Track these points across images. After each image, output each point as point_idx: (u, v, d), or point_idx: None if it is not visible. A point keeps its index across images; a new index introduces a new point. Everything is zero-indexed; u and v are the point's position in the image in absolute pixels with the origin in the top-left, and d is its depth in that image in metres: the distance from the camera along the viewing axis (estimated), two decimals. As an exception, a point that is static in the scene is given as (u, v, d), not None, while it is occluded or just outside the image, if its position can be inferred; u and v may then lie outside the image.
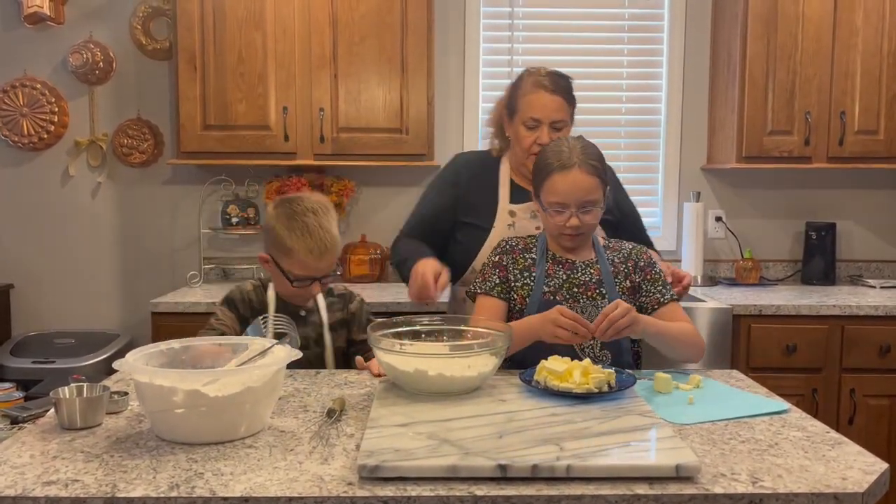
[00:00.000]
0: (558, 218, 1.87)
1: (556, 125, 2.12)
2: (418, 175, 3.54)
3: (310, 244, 1.91)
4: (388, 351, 1.59)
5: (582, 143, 1.91)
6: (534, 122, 2.11)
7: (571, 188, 1.84)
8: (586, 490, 1.15)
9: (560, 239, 1.92)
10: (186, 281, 3.35)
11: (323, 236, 1.92)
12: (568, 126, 2.15)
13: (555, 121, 2.11)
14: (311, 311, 2.04)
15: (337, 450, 1.31)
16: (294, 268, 1.93)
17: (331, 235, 1.95)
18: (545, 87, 2.13)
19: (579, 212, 1.85)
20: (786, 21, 3.16)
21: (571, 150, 1.87)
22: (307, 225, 1.92)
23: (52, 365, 3.09)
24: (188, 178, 3.52)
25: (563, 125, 2.13)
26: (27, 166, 3.51)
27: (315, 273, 1.95)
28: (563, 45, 3.56)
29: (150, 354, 1.48)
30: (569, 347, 1.84)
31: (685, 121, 3.58)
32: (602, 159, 1.91)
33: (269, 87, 3.15)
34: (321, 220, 1.94)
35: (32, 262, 3.53)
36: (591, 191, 1.85)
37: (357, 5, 3.13)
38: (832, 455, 1.31)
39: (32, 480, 1.18)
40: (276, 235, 1.94)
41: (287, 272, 1.94)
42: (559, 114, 2.12)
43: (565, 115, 2.13)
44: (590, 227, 1.89)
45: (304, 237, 1.91)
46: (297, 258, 1.92)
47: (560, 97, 2.12)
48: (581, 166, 1.84)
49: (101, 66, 3.44)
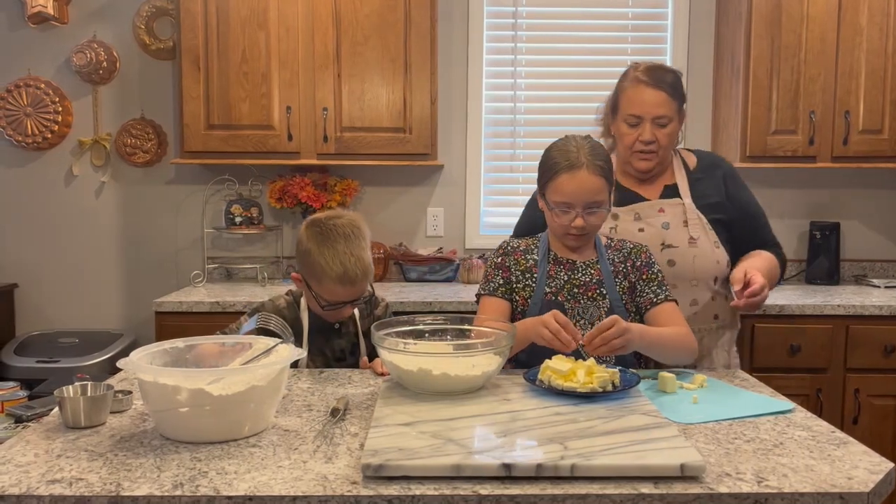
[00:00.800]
0: (563, 218, 1.86)
1: (659, 121, 2.02)
2: (422, 174, 3.54)
3: (340, 274, 1.86)
4: (392, 350, 1.59)
5: (590, 143, 1.89)
6: (634, 118, 2.02)
7: (578, 188, 1.82)
8: (591, 489, 1.15)
9: (564, 239, 1.92)
10: (190, 280, 3.36)
11: (353, 266, 1.87)
12: (674, 122, 2.04)
13: (656, 117, 2.01)
14: (346, 323, 2.02)
15: (341, 449, 1.31)
16: (324, 294, 1.90)
17: (362, 264, 1.89)
18: (644, 81, 2.03)
19: (585, 212, 1.84)
20: (790, 20, 3.15)
21: (579, 150, 1.85)
22: (337, 252, 1.87)
23: (56, 364, 3.09)
24: (192, 177, 3.52)
25: (666, 121, 2.02)
26: (31, 166, 3.52)
27: (346, 299, 1.91)
28: (567, 44, 3.55)
29: (154, 353, 1.48)
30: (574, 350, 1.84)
31: (689, 120, 3.56)
32: (609, 160, 1.90)
33: (272, 87, 3.15)
34: (352, 248, 1.89)
35: (36, 261, 3.54)
36: (597, 192, 1.84)
37: (360, 5, 3.13)
38: (837, 455, 1.30)
39: (37, 479, 1.18)
40: (307, 260, 1.91)
41: (318, 296, 1.91)
42: (660, 109, 2.01)
43: (668, 110, 2.02)
44: (594, 227, 1.89)
45: (334, 265, 1.86)
46: (328, 286, 1.88)
47: (662, 91, 2.01)
48: (588, 167, 1.82)
49: (104, 66, 3.44)
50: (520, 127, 3.58)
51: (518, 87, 3.57)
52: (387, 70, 3.16)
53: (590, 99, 3.56)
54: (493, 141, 3.60)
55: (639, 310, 1.92)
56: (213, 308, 2.93)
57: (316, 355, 1.99)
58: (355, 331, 2.02)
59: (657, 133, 2.02)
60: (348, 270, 1.86)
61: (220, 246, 3.56)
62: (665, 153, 2.07)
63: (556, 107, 3.58)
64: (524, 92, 3.57)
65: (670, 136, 2.04)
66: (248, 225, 3.38)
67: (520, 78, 3.56)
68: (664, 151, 2.06)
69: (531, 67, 3.56)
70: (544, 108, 3.58)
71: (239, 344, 1.59)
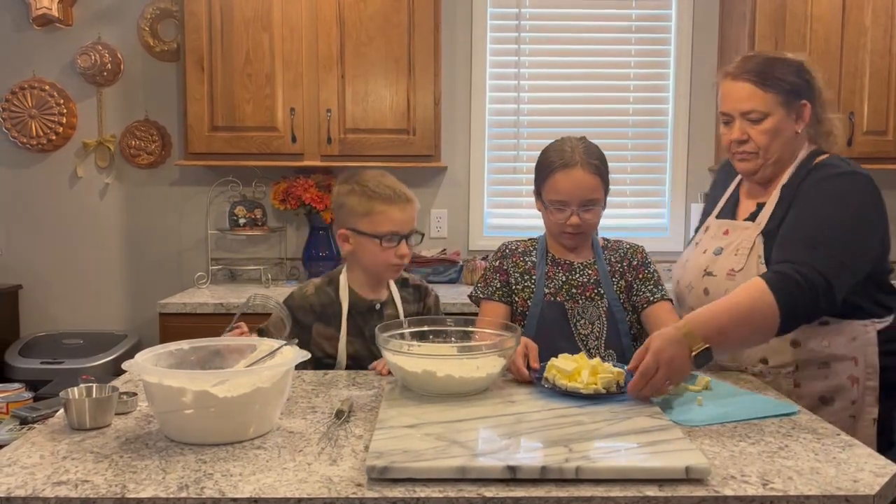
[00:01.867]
0: (559, 216, 1.89)
1: (748, 116, 1.75)
2: (425, 176, 3.54)
3: (389, 193, 1.89)
4: (397, 352, 1.59)
5: (584, 143, 1.93)
6: (725, 116, 1.80)
7: (573, 186, 1.86)
8: (596, 492, 1.15)
9: (561, 238, 1.93)
10: (194, 282, 3.36)
11: (398, 187, 1.92)
12: (770, 118, 1.74)
13: (744, 111, 1.75)
14: (386, 304, 2.00)
15: (346, 451, 1.31)
16: (380, 225, 1.89)
17: (405, 187, 1.94)
18: (730, 73, 1.79)
19: (580, 210, 1.87)
20: (794, 21, 3.15)
21: (574, 150, 1.89)
22: (381, 182, 1.91)
23: (61, 365, 3.10)
24: (196, 179, 3.53)
25: (757, 116, 1.74)
26: (35, 168, 3.52)
27: (400, 227, 1.90)
28: (571, 45, 3.55)
29: (159, 355, 1.48)
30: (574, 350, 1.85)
31: (693, 121, 3.57)
32: (604, 160, 1.93)
33: (276, 88, 3.15)
34: (392, 179, 1.94)
35: (41, 263, 3.55)
36: (592, 189, 1.87)
37: (364, 6, 3.13)
38: (843, 457, 1.30)
39: (42, 481, 1.19)
40: (353, 203, 1.92)
41: (373, 235, 1.89)
42: (747, 103, 1.74)
43: (757, 103, 1.73)
44: (590, 225, 1.91)
45: (380, 188, 1.89)
46: (379, 212, 1.89)
47: (747, 83, 1.75)
48: (583, 165, 1.86)
49: (108, 68, 3.45)
50: (523, 128, 3.58)
51: (521, 88, 3.57)
52: (390, 71, 3.16)
53: (593, 100, 3.58)
54: (497, 142, 3.61)
55: (635, 309, 1.94)
56: (217, 309, 2.93)
57: (355, 337, 1.95)
58: (395, 314, 2.00)
59: (749, 131, 1.76)
60: (395, 188, 1.90)
61: (224, 247, 3.56)
62: (770, 155, 1.77)
63: (559, 108, 3.58)
64: (527, 94, 3.57)
65: (769, 135, 1.75)
66: (252, 226, 3.39)
67: (523, 79, 3.56)
68: (766, 153, 1.77)
69: (534, 69, 3.56)
70: (548, 110, 3.58)
71: (246, 345, 1.59)
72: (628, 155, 3.61)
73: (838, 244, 1.62)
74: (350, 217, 1.93)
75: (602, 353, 1.88)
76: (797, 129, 1.77)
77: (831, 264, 1.59)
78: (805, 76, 1.77)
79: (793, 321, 1.58)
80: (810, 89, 1.77)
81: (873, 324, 1.76)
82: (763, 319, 1.55)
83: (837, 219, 1.66)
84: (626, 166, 3.60)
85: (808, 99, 1.76)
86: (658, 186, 3.64)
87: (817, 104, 1.79)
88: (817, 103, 1.79)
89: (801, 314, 1.59)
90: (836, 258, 1.61)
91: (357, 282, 1.99)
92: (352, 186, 1.93)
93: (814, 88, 1.78)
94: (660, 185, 3.64)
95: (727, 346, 1.58)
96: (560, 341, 1.88)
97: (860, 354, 1.74)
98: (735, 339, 1.58)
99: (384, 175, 1.95)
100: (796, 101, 1.75)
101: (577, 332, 1.90)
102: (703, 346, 1.51)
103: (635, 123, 3.61)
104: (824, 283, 1.57)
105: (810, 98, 1.77)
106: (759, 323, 1.56)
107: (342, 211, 1.95)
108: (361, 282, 1.99)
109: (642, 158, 3.64)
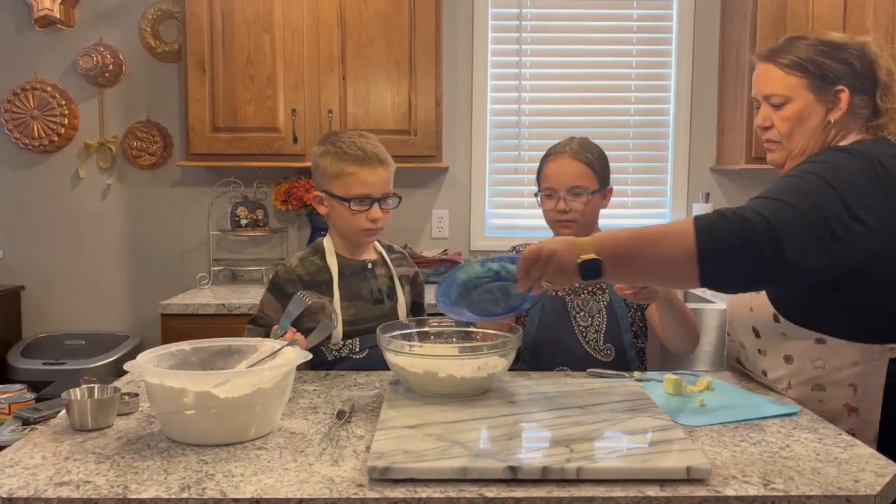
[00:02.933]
0: (548, 202, 1.96)
1: (770, 101, 1.61)
2: (427, 176, 3.54)
3: (360, 156, 1.86)
4: (398, 352, 1.59)
5: (582, 139, 2.00)
6: (755, 102, 1.66)
7: (560, 172, 1.93)
8: (597, 492, 1.15)
9: (555, 227, 1.98)
10: (196, 282, 3.36)
11: (371, 148, 1.88)
12: (792, 103, 1.57)
13: (766, 95, 1.61)
14: (377, 264, 1.99)
15: (347, 451, 1.31)
16: (350, 187, 1.87)
17: (379, 148, 1.90)
18: (759, 56, 1.65)
19: (567, 195, 1.92)
20: (795, 21, 3.15)
21: (568, 142, 1.97)
22: (355, 143, 1.88)
23: (63, 366, 3.10)
24: (197, 180, 3.53)
25: (779, 101, 1.58)
26: (37, 169, 3.53)
27: (371, 189, 1.87)
28: (572, 45, 3.55)
29: (161, 356, 1.48)
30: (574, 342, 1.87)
31: (694, 121, 3.57)
32: (600, 154, 1.97)
33: (277, 89, 3.15)
34: (367, 139, 1.91)
35: (42, 263, 3.55)
36: (579, 177, 1.92)
37: (365, 7, 3.13)
38: (844, 457, 1.30)
39: (44, 481, 1.19)
40: (325, 164, 1.90)
41: (344, 198, 1.87)
42: (767, 87, 1.60)
43: (777, 87, 1.58)
44: (579, 213, 1.93)
45: (350, 148, 1.87)
46: (349, 173, 1.86)
47: (771, 65, 1.60)
48: (571, 153, 1.94)
49: (110, 69, 3.45)
50: (524, 129, 3.58)
51: (523, 88, 3.57)
52: (391, 72, 3.16)
53: (594, 101, 3.58)
54: (498, 143, 3.61)
55: (640, 306, 1.95)
56: (219, 310, 2.93)
57: (350, 301, 1.92)
58: (388, 273, 1.98)
59: (773, 117, 1.60)
60: (366, 149, 1.87)
61: (226, 248, 3.56)
62: (794, 144, 1.59)
63: (560, 108, 3.58)
64: (529, 94, 3.57)
65: (791, 122, 1.58)
66: (254, 227, 3.39)
67: (524, 80, 3.56)
68: (788, 141, 1.60)
69: (536, 69, 3.56)
70: (549, 110, 3.58)
71: (247, 345, 1.59)
72: (629, 155, 3.61)
73: (797, 196, 1.38)
74: (323, 179, 1.92)
75: (600, 345, 1.91)
76: (831, 117, 1.55)
77: (777, 207, 1.35)
78: (848, 59, 1.54)
79: (715, 256, 1.33)
80: (855, 75, 1.54)
81: (889, 349, 1.53)
82: (674, 244, 1.35)
83: (808, 180, 1.42)
84: (627, 167, 3.60)
85: (850, 85, 1.53)
86: (660, 187, 3.64)
87: (876, 91, 1.55)
88: (876, 90, 1.55)
89: (725, 248, 1.32)
90: (789, 206, 1.36)
91: (341, 246, 1.97)
92: (326, 147, 1.92)
93: (863, 74, 1.54)
94: (661, 186, 3.64)
95: (627, 267, 1.39)
96: (560, 334, 1.92)
97: (860, 382, 1.54)
98: (638, 262, 1.38)
99: (361, 136, 1.91)
100: (829, 86, 1.54)
101: (577, 325, 1.93)
102: (592, 255, 1.36)
103: (636, 124, 3.61)
104: (764, 224, 1.32)
105: (854, 84, 1.54)
106: (669, 247, 1.35)
107: (317, 172, 1.94)
108: (345, 245, 1.97)
109: (644, 159, 3.63)
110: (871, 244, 1.42)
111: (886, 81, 1.55)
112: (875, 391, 1.53)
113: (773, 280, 1.45)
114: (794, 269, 1.35)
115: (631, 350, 1.94)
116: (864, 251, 1.42)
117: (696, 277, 1.34)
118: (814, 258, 1.36)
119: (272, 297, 1.92)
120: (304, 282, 1.91)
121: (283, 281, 1.93)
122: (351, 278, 1.94)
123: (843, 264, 1.42)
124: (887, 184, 1.44)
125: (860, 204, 1.40)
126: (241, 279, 3.52)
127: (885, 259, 1.47)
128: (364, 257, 1.98)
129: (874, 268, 1.47)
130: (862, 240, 1.41)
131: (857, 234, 1.40)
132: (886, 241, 1.45)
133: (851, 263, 1.43)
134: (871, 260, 1.45)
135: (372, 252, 2.01)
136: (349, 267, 1.95)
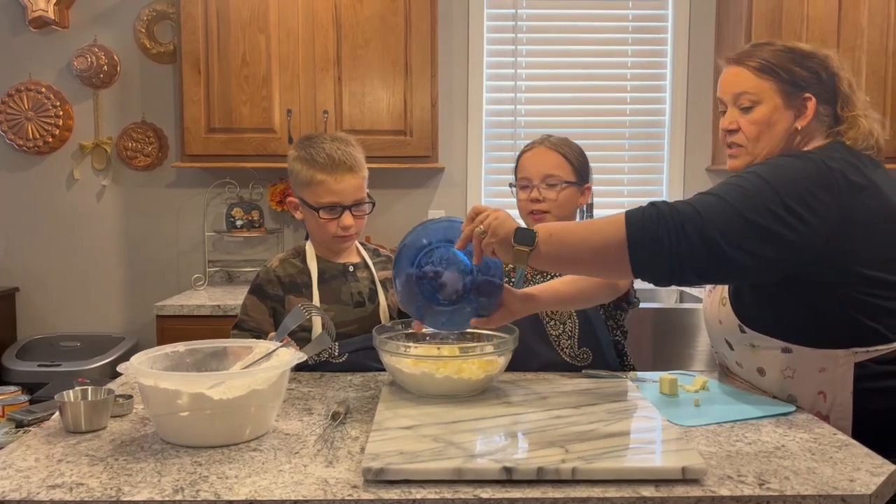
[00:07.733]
0: (522, 194, 1.96)
1: (739, 102, 1.59)
2: (423, 177, 3.54)
3: (328, 164, 1.84)
4: (394, 353, 1.59)
5: (561, 137, 1.99)
6: (721, 105, 1.65)
7: (533, 162, 1.94)
8: (592, 492, 1.15)
9: (527, 220, 1.96)
10: (191, 284, 3.36)
11: (339, 155, 1.84)
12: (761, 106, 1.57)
13: (736, 94, 1.60)
14: (359, 267, 1.97)
15: (342, 453, 1.31)
16: (319, 196, 1.85)
17: (350, 156, 1.86)
18: (728, 59, 1.65)
19: (542, 184, 1.91)
20: (790, 21, 3.15)
21: (545, 137, 1.97)
22: (324, 149, 1.85)
23: (58, 368, 3.10)
24: (192, 181, 3.53)
25: (748, 102, 1.58)
26: (32, 170, 3.52)
27: (341, 198, 1.86)
28: (568, 46, 3.55)
29: (155, 358, 1.48)
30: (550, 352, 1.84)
31: (690, 121, 3.57)
32: (576, 150, 1.96)
33: (272, 90, 3.15)
34: (338, 145, 1.87)
35: (37, 265, 3.54)
36: (553, 166, 1.92)
37: (361, 8, 3.13)
38: (839, 457, 1.30)
39: (37, 484, 1.18)
40: (297, 169, 1.88)
41: (314, 206, 1.86)
42: (738, 86, 1.59)
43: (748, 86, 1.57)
44: (552, 203, 1.91)
45: (319, 155, 1.84)
46: (317, 182, 1.84)
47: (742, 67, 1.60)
48: (546, 144, 1.94)
49: (105, 70, 3.45)
50: (520, 129, 3.58)
51: (518, 88, 3.57)
52: (387, 73, 3.16)
53: (590, 100, 3.58)
54: (494, 143, 3.61)
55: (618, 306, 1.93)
56: (215, 311, 2.93)
57: (332, 303, 1.90)
58: (370, 276, 1.97)
59: (740, 120, 1.59)
60: (335, 157, 1.84)
61: (222, 249, 3.56)
62: (759, 150, 1.58)
63: (556, 108, 3.58)
64: (525, 94, 3.57)
65: (759, 126, 1.57)
66: (250, 228, 3.39)
67: (520, 80, 3.56)
68: (754, 146, 1.58)
69: (531, 69, 3.56)
70: (545, 110, 3.59)
71: (242, 347, 1.59)
72: (625, 155, 3.61)
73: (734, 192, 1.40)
74: (296, 185, 1.92)
75: (576, 350, 1.86)
76: (797, 125, 1.56)
77: (710, 201, 1.39)
78: (815, 68, 1.56)
79: (643, 243, 1.36)
80: (821, 84, 1.57)
81: (852, 354, 1.51)
82: (607, 231, 1.39)
83: (747, 179, 1.44)
84: (622, 167, 3.61)
85: (816, 94, 1.56)
86: (655, 187, 3.64)
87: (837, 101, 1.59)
88: (837, 100, 1.59)
89: (651, 235, 1.35)
90: (722, 199, 1.39)
91: (322, 248, 1.96)
92: (298, 152, 1.90)
93: (827, 84, 1.57)
94: (657, 186, 3.64)
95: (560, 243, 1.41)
96: (535, 345, 1.85)
97: (829, 389, 1.53)
98: (571, 240, 1.42)
99: (336, 139, 1.89)
100: (798, 93, 1.56)
101: (549, 334, 1.87)
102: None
103: (632, 124, 3.61)
104: (694, 214, 1.36)
105: (820, 93, 1.56)
106: (602, 233, 1.39)
107: (291, 176, 1.94)
108: (325, 248, 1.96)
109: (639, 159, 3.64)
110: (813, 243, 1.42)
111: (847, 93, 1.59)
112: (844, 397, 1.53)
113: (707, 273, 1.44)
114: (728, 262, 1.37)
115: (609, 348, 1.88)
116: (806, 249, 1.42)
117: (627, 264, 1.38)
118: (747, 252, 1.37)
119: (255, 299, 1.92)
120: (283, 283, 1.91)
121: (263, 282, 1.93)
122: (331, 281, 1.93)
123: (784, 261, 1.42)
124: (833, 185, 1.44)
125: (800, 201, 1.41)
126: (236, 280, 3.52)
127: (833, 262, 1.46)
128: (345, 260, 1.97)
129: (824, 271, 1.47)
130: (802, 238, 1.41)
131: (797, 231, 1.40)
132: (832, 242, 1.44)
133: (795, 261, 1.43)
134: (818, 262, 1.45)
135: (355, 255, 2.00)
136: (329, 270, 1.94)
